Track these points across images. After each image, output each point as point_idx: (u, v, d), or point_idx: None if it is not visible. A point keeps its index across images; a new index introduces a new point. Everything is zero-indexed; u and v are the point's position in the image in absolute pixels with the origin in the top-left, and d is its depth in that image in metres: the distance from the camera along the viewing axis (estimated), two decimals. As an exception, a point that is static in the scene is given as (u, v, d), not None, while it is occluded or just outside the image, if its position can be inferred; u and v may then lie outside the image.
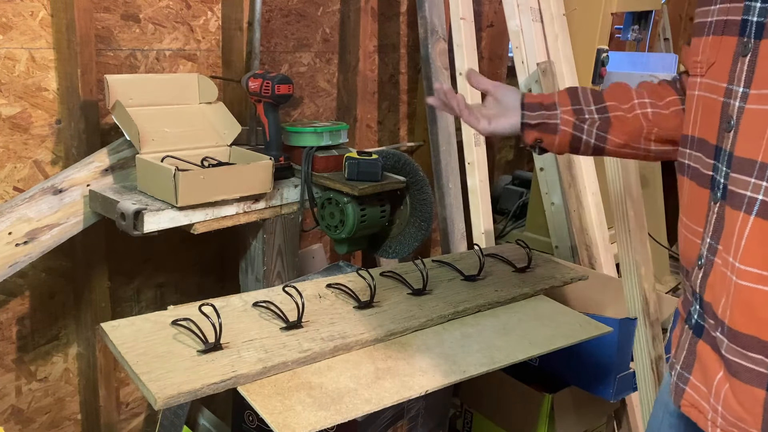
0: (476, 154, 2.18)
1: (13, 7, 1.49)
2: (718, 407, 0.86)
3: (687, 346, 0.93)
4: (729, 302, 0.82)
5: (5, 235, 1.42)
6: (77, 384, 1.79)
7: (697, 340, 0.90)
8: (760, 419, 0.81)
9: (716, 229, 0.85)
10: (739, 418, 0.84)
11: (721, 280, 0.83)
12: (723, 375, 0.85)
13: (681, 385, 0.93)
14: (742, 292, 0.80)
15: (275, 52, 2.05)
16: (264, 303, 1.27)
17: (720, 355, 0.85)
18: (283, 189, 1.67)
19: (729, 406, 0.84)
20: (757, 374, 0.81)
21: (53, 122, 1.60)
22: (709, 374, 0.87)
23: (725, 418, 0.85)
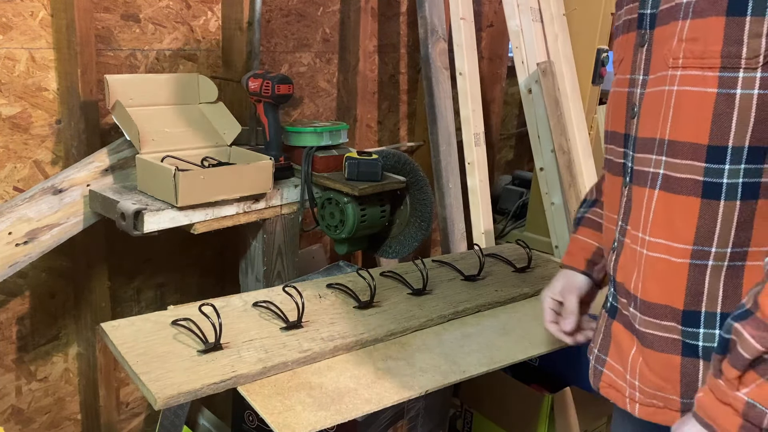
0: (476, 154, 2.18)
1: (13, 7, 1.49)
2: (635, 382, 0.88)
3: (603, 329, 0.96)
4: (640, 276, 0.85)
5: (5, 235, 1.42)
6: (77, 384, 1.79)
7: (611, 321, 0.94)
8: (679, 384, 0.83)
9: (626, 211, 0.89)
10: (657, 388, 0.85)
11: (632, 257, 0.87)
12: (636, 349, 0.87)
13: (599, 367, 0.96)
14: (653, 263, 0.83)
15: (275, 52, 2.05)
16: (264, 303, 1.27)
17: (633, 330, 0.88)
18: (283, 189, 1.67)
19: (645, 379, 0.86)
20: (671, 341, 0.83)
21: (53, 122, 1.60)
22: (623, 352, 0.90)
23: (643, 391, 0.87)
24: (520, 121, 3.21)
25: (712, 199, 0.78)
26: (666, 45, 0.82)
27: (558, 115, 2.21)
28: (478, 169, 2.19)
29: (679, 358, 0.83)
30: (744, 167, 0.76)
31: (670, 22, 0.82)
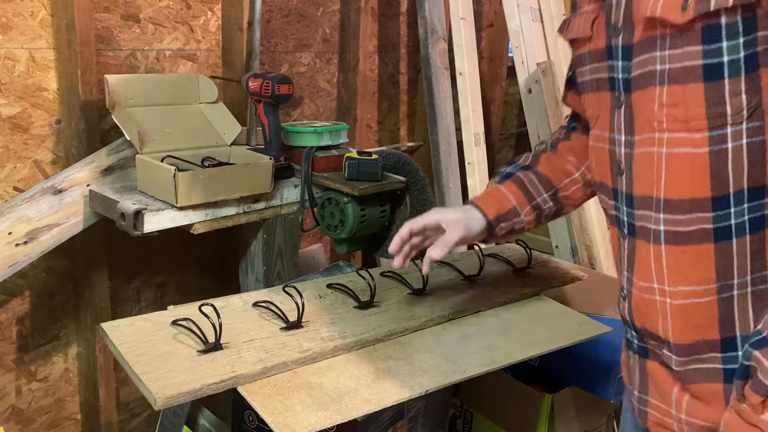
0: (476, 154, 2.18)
1: (13, 7, 1.49)
2: (681, 416, 0.88)
3: (638, 369, 0.96)
4: (668, 322, 0.86)
5: (5, 235, 1.42)
6: (77, 384, 1.79)
7: (645, 361, 0.94)
8: (723, 408, 0.84)
9: (629, 263, 0.91)
10: (705, 419, 0.86)
11: (650, 305, 0.88)
12: (679, 387, 0.88)
13: (643, 408, 0.95)
14: (680, 310, 0.85)
15: (275, 52, 2.05)
16: (264, 303, 1.27)
17: (671, 370, 0.88)
18: (283, 189, 1.67)
19: (693, 411, 0.87)
20: (713, 371, 0.84)
21: (53, 122, 1.60)
22: (665, 390, 0.90)
23: (691, 424, 0.88)
24: (520, 121, 3.21)
25: (724, 240, 0.80)
26: (647, 108, 0.84)
27: (558, 115, 2.21)
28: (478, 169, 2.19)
29: (721, 385, 0.84)
30: (747, 206, 0.78)
31: (647, 87, 0.84)
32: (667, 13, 0.77)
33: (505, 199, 1.18)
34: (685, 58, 0.77)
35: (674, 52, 0.78)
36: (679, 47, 0.77)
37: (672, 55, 0.79)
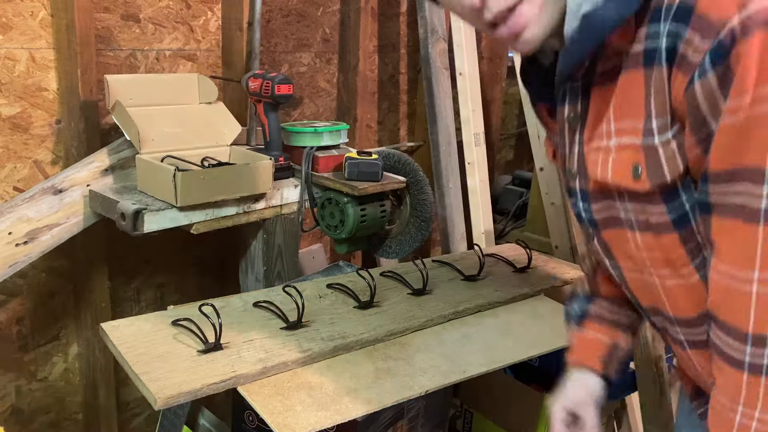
0: (476, 154, 2.18)
1: (13, 7, 1.49)
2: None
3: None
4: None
5: (5, 235, 1.42)
6: (77, 384, 1.79)
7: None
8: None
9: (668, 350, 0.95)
10: None
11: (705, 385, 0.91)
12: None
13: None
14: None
15: (275, 52, 2.05)
16: (264, 303, 1.27)
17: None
18: (283, 189, 1.67)
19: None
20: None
21: (53, 122, 1.60)
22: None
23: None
24: (520, 121, 3.21)
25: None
26: (624, 246, 0.86)
27: (558, 115, 2.20)
28: (478, 169, 2.19)
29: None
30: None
31: (616, 227, 0.85)
32: (619, 180, 0.79)
33: (599, 343, 1.09)
34: (650, 214, 0.79)
35: (636, 206, 0.80)
36: (639, 203, 0.79)
37: (635, 208, 0.81)
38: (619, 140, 0.78)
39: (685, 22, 0.69)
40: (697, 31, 0.67)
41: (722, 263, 0.71)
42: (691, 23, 0.68)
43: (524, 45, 0.79)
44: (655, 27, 0.72)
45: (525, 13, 0.76)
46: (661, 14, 0.72)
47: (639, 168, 0.76)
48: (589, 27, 0.74)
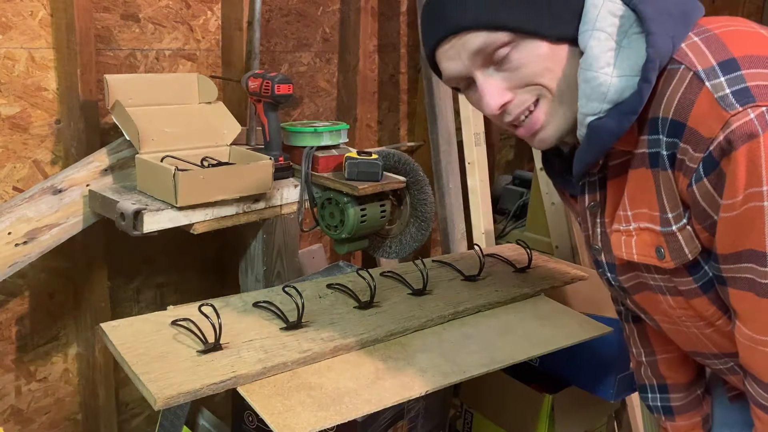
0: (476, 154, 2.18)
1: (12, 7, 1.49)
2: None
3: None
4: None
5: (5, 235, 1.42)
6: (77, 384, 1.79)
7: None
8: None
9: None
10: None
11: None
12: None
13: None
14: None
15: (275, 51, 2.05)
16: (264, 303, 1.27)
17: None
18: (283, 189, 1.67)
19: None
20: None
21: (53, 122, 1.60)
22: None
23: None
24: (520, 121, 3.20)
25: None
26: (657, 306, 0.97)
27: (558, 115, 2.21)
28: (478, 169, 2.19)
29: None
30: None
31: (646, 291, 0.96)
32: (644, 258, 0.89)
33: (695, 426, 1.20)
34: (678, 283, 0.89)
35: (664, 277, 0.91)
36: (666, 275, 0.90)
37: (663, 278, 0.91)
38: (638, 224, 0.89)
39: (679, 136, 0.79)
40: (690, 144, 0.78)
41: (744, 328, 0.82)
42: (684, 137, 0.79)
43: (540, 143, 0.93)
44: (655, 136, 0.83)
45: (539, 118, 0.90)
46: (658, 126, 0.82)
47: (662, 249, 0.86)
48: (594, 135, 0.85)
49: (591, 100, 0.84)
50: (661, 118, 0.81)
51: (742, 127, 0.74)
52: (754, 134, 0.73)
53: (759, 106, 0.74)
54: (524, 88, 0.88)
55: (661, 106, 0.81)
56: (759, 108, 0.74)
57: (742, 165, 0.74)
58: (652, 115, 0.83)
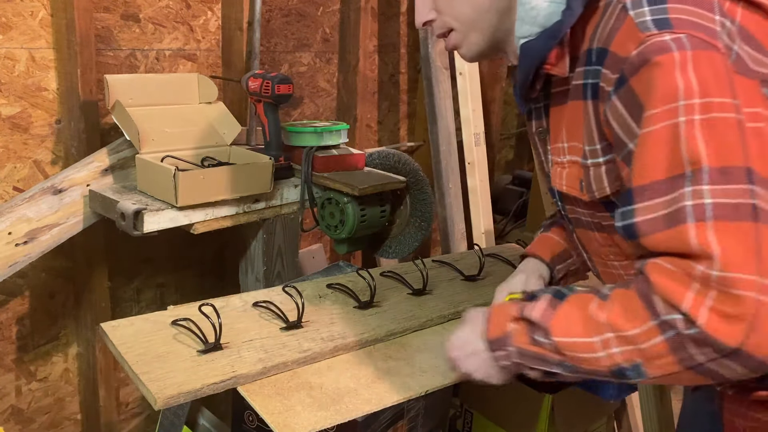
0: (476, 154, 2.18)
1: (13, 7, 1.49)
2: None
3: None
4: None
5: (5, 235, 1.42)
6: (77, 384, 1.79)
7: None
8: None
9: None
10: None
11: None
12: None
13: None
14: None
15: (275, 52, 2.05)
16: (264, 303, 1.27)
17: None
18: (283, 189, 1.67)
19: None
20: None
21: (53, 122, 1.60)
22: None
23: None
24: (520, 121, 3.21)
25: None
26: (591, 244, 1.01)
27: (558, 115, 2.21)
28: (478, 169, 2.19)
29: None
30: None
31: (582, 227, 1.01)
32: (570, 190, 0.95)
33: (555, 243, 1.22)
34: (600, 218, 0.94)
35: (587, 212, 0.96)
36: (588, 209, 0.95)
37: (587, 213, 0.96)
38: (571, 157, 0.94)
39: (601, 63, 0.82)
40: (609, 68, 0.81)
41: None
42: (605, 62, 0.82)
43: (462, 59, 1.06)
44: (588, 67, 0.86)
45: (452, 38, 1.01)
46: (591, 57, 0.85)
47: (582, 182, 0.91)
48: (524, 55, 0.92)
49: (524, 23, 0.90)
50: (592, 49, 0.85)
51: (655, 44, 0.75)
52: (666, 49, 0.74)
53: (676, 32, 0.75)
54: (440, 15, 0.99)
55: (595, 38, 0.84)
56: (676, 34, 0.75)
57: (652, 80, 0.75)
58: (588, 47, 0.86)
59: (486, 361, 0.98)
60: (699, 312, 0.72)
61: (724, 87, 0.74)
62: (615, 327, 0.80)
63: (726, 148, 0.73)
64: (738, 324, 0.71)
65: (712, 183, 0.72)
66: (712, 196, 0.72)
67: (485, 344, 0.97)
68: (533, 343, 0.90)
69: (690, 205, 0.73)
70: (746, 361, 0.72)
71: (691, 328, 0.73)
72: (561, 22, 0.87)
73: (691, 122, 0.73)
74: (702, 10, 0.77)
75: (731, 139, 0.73)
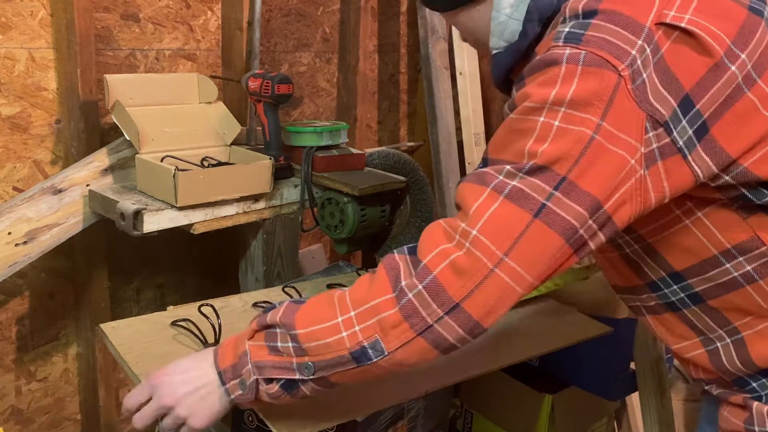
0: (476, 154, 2.18)
1: (12, 7, 1.48)
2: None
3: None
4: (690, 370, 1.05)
5: (5, 235, 1.42)
6: (77, 384, 1.79)
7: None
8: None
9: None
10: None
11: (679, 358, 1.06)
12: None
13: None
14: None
15: (275, 51, 2.05)
16: (264, 303, 1.27)
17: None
18: (283, 189, 1.67)
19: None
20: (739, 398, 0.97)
21: (53, 122, 1.60)
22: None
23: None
24: (520, 120, 3.20)
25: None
26: None
27: (558, 115, 2.20)
28: (478, 169, 2.18)
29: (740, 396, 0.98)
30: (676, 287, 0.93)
31: None
32: None
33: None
34: None
35: None
36: None
37: None
38: None
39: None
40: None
41: None
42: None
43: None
44: None
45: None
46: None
47: None
48: (494, 66, 0.96)
49: (494, 36, 0.94)
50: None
51: (552, 54, 0.78)
52: (556, 61, 0.77)
53: (579, 48, 0.77)
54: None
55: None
56: (577, 49, 0.77)
57: (535, 85, 0.79)
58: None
59: (212, 399, 0.89)
60: (438, 263, 0.81)
61: (598, 106, 0.76)
62: (358, 301, 0.83)
63: (560, 155, 0.76)
64: (466, 281, 0.78)
65: (528, 173, 0.78)
66: (519, 182, 0.78)
67: (215, 376, 0.89)
68: (273, 353, 0.86)
69: (499, 180, 0.79)
70: (464, 320, 0.79)
71: (426, 279, 0.80)
72: (519, 40, 0.91)
73: (549, 125, 0.77)
74: (626, 32, 0.77)
75: (571, 150, 0.76)
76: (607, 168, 0.76)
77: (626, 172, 0.77)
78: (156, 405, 0.90)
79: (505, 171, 0.79)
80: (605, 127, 0.76)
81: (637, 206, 0.79)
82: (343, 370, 0.84)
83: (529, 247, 0.78)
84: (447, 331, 0.80)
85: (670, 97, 0.77)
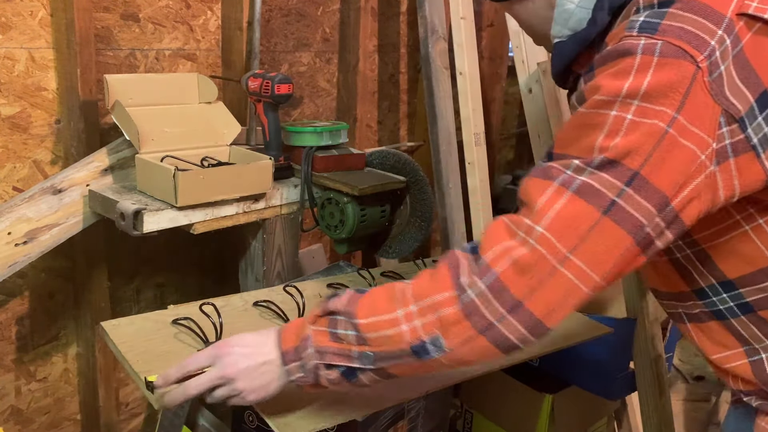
0: (476, 154, 2.18)
1: (12, 7, 1.48)
2: None
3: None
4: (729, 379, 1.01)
5: (4, 235, 1.42)
6: (77, 384, 1.79)
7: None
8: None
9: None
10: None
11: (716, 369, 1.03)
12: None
13: None
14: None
15: (275, 51, 2.05)
16: (264, 303, 1.27)
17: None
18: (283, 189, 1.67)
19: None
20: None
21: (53, 122, 1.60)
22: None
23: None
24: (520, 121, 3.22)
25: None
26: None
27: (558, 115, 2.20)
28: (478, 169, 2.19)
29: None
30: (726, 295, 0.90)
31: None
32: None
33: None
34: None
35: None
36: None
37: None
38: None
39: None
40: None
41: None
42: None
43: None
44: None
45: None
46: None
47: None
48: (555, 54, 0.94)
49: (557, 24, 0.92)
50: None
51: (625, 44, 0.76)
52: (630, 52, 0.75)
53: (655, 38, 0.75)
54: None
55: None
56: (654, 39, 0.74)
57: (606, 77, 0.77)
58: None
59: (271, 377, 0.90)
60: (501, 261, 0.78)
61: (673, 98, 0.73)
62: (419, 296, 0.81)
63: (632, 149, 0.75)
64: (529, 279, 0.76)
65: (598, 168, 0.76)
66: (588, 177, 0.76)
67: (278, 356, 0.90)
68: (334, 339, 0.87)
69: (566, 175, 0.77)
70: (526, 319, 0.77)
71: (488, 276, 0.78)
72: (587, 29, 0.89)
73: (621, 119, 0.75)
74: (706, 21, 0.75)
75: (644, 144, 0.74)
76: (678, 163, 0.74)
77: (696, 167, 0.74)
78: (216, 374, 0.89)
79: (573, 166, 0.77)
80: (680, 120, 0.73)
81: (705, 204, 0.77)
82: (402, 363, 0.84)
83: (596, 246, 0.75)
84: (509, 330, 0.78)
85: (748, 92, 0.74)
